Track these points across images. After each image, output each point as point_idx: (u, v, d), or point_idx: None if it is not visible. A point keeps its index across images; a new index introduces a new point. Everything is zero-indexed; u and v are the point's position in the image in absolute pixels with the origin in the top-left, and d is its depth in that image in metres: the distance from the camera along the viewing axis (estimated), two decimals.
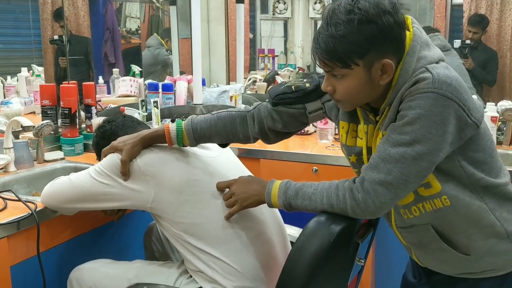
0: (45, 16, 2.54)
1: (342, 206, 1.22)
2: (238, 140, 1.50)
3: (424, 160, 1.14)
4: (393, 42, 1.15)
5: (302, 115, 1.43)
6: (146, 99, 2.59)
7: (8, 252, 1.45)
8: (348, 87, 1.19)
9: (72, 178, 1.49)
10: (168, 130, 1.44)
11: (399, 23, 1.14)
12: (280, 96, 1.42)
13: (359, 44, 1.12)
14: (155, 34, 3.43)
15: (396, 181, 1.15)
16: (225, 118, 1.46)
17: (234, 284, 1.40)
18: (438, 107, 1.11)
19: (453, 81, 1.13)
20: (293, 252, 1.27)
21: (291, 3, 4.04)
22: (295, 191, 1.29)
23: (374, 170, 1.17)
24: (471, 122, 1.16)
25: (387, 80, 1.18)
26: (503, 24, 3.30)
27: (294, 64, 3.97)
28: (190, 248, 1.42)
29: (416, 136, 1.12)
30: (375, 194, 1.16)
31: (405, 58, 1.17)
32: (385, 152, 1.16)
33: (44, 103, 2.24)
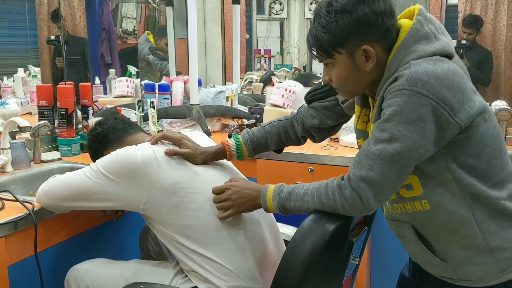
0: (41, 16, 2.55)
1: (332, 204, 1.24)
2: (292, 142, 1.64)
3: (403, 157, 1.15)
4: (372, 29, 1.19)
5: (336, 106, 1.51)
6: (143, 100, 2.60)
7: (5, 252, 1.46)
8: (337, 75, 1.26)
9: (67, 176, 1.50)
10: (228, 146, 1.55)
11: (377, 11, 1.18)
12: (312, 93, 1.56)
13: (338, 33, 1.19)
14: (147, 31, 3.43)
15: (377, 177, 1.16)
16: (277, 125, 1.61)
17: (228, 284, 1.41)
18: (413, 104, 1.12)
19: (431, 78, 1.12)
20: (288, 251, 1.28)
21: (287, 4, 4.05)
22: (288, 193, 1.32)
23: (357, 167, 1.19)
24: (453, 121, 1.14)
25: (372, 66, 1.21)
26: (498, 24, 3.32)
27: (290, 65, 3.98)
28: (183, 250, 1.42)
29: (393, 133, 1.14)
30: (360, 190, 1.18)
31: (395, 51, 1.20)
32: (367, 148, 1.19)
33: (41, 103, 2.25)
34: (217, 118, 2.81)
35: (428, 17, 1.24)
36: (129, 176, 1.40)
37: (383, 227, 1.43)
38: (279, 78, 3.46)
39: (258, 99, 3.26)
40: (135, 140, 1.61)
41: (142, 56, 3.38)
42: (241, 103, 3.13)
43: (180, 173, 1.44)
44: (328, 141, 2.51)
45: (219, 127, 2.83)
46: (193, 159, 1.47)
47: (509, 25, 3.30)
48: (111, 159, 1.42)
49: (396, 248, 1.49)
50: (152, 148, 1.45)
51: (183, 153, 1.46)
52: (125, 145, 1.57)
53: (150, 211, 1.43)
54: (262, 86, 3.50)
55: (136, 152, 1.42)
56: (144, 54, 3.38)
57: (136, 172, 1.40)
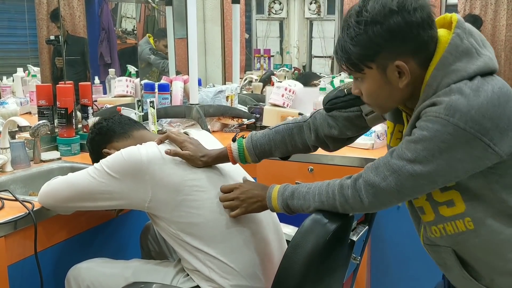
0: (41, 16, 2.54)
1: (332, 202, 1.23)
2: (298, 150, 1.52)
3: (422, 179, 1.11)
4: (406, 43, 1.09)
5: (359, 117, 1.40)
6: (142, 99, 2.59)
7: (5, 252, 1.46)
8: (368, 90, 1.18)
9: (70, 177, 1.49)
10: (230, 150, 1.50)
11: (413, 23, 1.08)
12: (333, 101, 1.42)
13: (368, 46, 1.10)
14: (148, 34, 3.44)
15: (388, 189, 1.14)
16: (283, 130, 1.50)
17: (231, 283, 1.41)
18: (445, 134, 1.05)
19: (472, 108, 1.04)
20: (289, 250, 1.28)
21: (287, 4, 4.05)
22: (291, 191, 1.31)
23: (373, 171, 1.16)
24: (492, 152, 1.06)
25: (406, 82, 1.12)
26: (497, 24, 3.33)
27: (289, 64, 3.99)
28: (188, 248, 1.42)
29: (417, 156, 1.09)
30: (366, 194, 1.17)
31: (433, 70, 1.10)
32: (388, 158, 1.15)
33: (40, 103, 2.25)
34: (217, 117, 2.81)
35: (468, 29, 1.13)
36: (134, 175, 1.40)
37: (383, 227, 1.43)
38: (279, 78, 3.46)
39: (257, 99, 3.26)
40: (141, 136, 1.62)
41: (143, 57, 3.38)
42: (241, 103, 3.13)
43: (185, 171, 1.44)
44: None
45: (219, 127, 2.83)
46: (194, 161, 1.46)
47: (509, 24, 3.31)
48: (116, 158, 1.42)
49: (396, 248, 1.49)
50: (157, 147, 1.45)
51: (183, 154, 1.45)
52: (131, 140, 1.59)
53: (155, 209, 1.43)
54: (261, 85, 3.50)
55: (141, 151, 1.42)
56: (144, 54, 3.38)
57: (141, 170, 1.40)
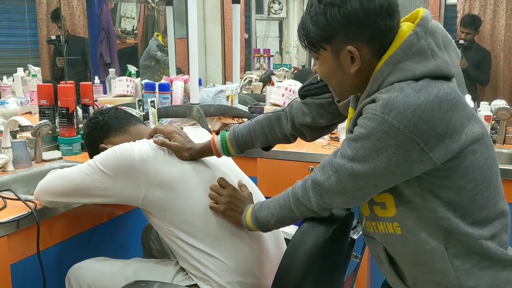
0: (41, 16, 2.55)
1: (288, 205, 1.25)
2: (279, 140, 1.50)
3: (361, 179, 1.09)
4: (362, 29, 1.07)
5: (331, 104, 1.39)
6: (143, 99, 2.60)
7: (8, 251, 1.46)
8: (322, 72, 1.19)
9: (64, 172, 1.50)
10: (213, 143, 1.49)
11: (370, 10, 1.06)
12: (307, 87, 1.43)
13: (325, 27, 1.09)
14: (156, 33, 3.46)
15: (331, 188, 1.14)
16: (262, 120, 1.49)
17: (227, 280, 1.41)
18: (381, 132, 1.03)
19: (409, 108, 1.01)
20: (289, 249, 1.28)
21: (286, 3, 4.06)
22: (260, 204, 1.33)
23: (320, 170, 1.17)
24: (426, 157, 1.03)
25: (356, 69, 1.11)
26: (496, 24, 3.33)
27: (289, 64, 3.99)
28: (182, 245, 1.43)
29: (355, 154, 1.08)
30: (313, 193, 1.18)
31: (382, 65, 1.08)
32: (332, 158, 1.15)
33: (41, 103, 2.25)
34: (218, 117, 2.81)
35: (430, 28, 1.09)
36: (127, 172, 1.40)
37: None
38: (279, 78, 3.47)
39: (258, 99, 3.27)
40: (138, 131, 1.63)
41: (151, 54, 3.41)
42: (241, 103, 3.14)
43: (178, 168, 1.44)
44: (328, 140, 2.52)
45: (220, 126, 2.84)
46: (180, 153, 1.46)
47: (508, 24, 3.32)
48: (109, 155, 1.42)
49: None
50: (150, 144, 1.45)
51: (170, 145, 1.45)
52: (128, 135, 1.60)
53: (149, 206, 1.43)
54: (261, 85, 3.52)
55: (134, 148, 1.42)
56: (152, 51, 3.41)
57: (134, 168, 1.40)
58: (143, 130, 1.65)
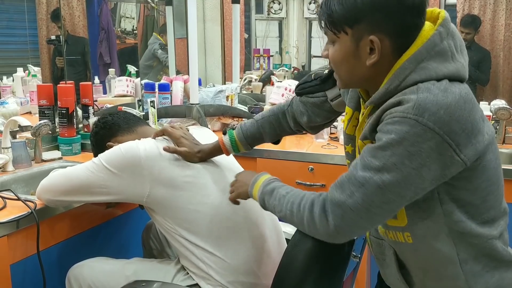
0: (41, 16, 2.55)
1: (299, 217, 1.13)
2: (287, 133, 1.54)
3: (390, 191, 1.01)
4: (390, 19, 1.03)
5: (325, 103, 1.39)
6: (143, 99, 2.60)
7: (8, 251, 1.46)
8: (334, 56, 1.11)
9: (68, 171, 1.50)
10: (222, 143, 1.52)
11: (404, 3, 1.01)
12: (302, 85, 1.42)
13: (351, 9, 1.03)
14: (155, 33, 3.46)
15: (355, 206, 1.03)
16: (270, 116, 1.52)
17: (228, 279, 1.42)
18: (415, 136, 0.98)
19: (441, 108, 0.98)
20: (289, 248, 1.29)
21: (286, 3, 4.05)
22: (271, 188, 1.23)
23: (338, 189, 1.06)
24: (458, 159, 1.00)
25: (373, 61, 1.06)
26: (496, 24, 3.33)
27: (289, 64, 3.99)
28: (185, 243, 1.43)
29: (385, 163, 1.00)
30: (332, 215, 1.06)
31: (404, 62, 1.04)
32: (352, 172, 1.05)
33: (41, 103, 2.25)
34: (217, 117, 2.81)
35: (451, 30, 1.07)
36: (132, 170, 1.41)
37: None
38: (278, 78, 3.47)
39: (257, 99, 3.27)
40: (144, 132, 1.64)
41: (153, 53, 3.41)
42: (241, 103, 3.14)
43: (182, 166, 1.45)
44: (328, 140, 2.52)
45: (219, 126, 2.84)
46: (190, 158, 1.47)
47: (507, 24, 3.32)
48: (114, 153, 1.43)
49: None
50: (155, 143, 1.46)
51: (181, 152, 1.46)
52: (135, 134, 1.62)
53: (153, 204, 1.44)
54: (261, 85, 3.51)
55: (139, 146, 1.43)
56: (154, 50, 3.41)
57: (139, 166, 1.40)
58: (149, 131, 1.66)
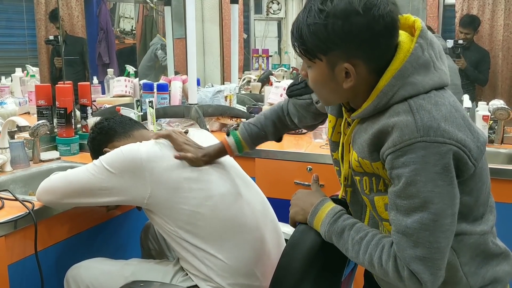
0: (39, 16, 2.55)
1: (383, 272, 1.08)
2: (289, 128, 1.56)
3: (444, 216, 1.00)
4: (362, 48, 1.03)
5: (311, 105, 1.42)
6: (141, 99, 2.60)
7: (5, 251, 1.46)
8: (313, 79, 1.13)
9: (69, 173, 1.50)
10: (227, 144, 1.54)
11: (374, 30, 1.01)
12: (291, 88, 1.46)
13: (323, 39, 1.03)
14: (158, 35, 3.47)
15: (428, 252, 1.01)
16: (271, 114, 1.54)
17: (228, 281, 1.42)
18: (432, 155, 0.98)
19: (441, 122, 0.99)
20: (287, 248, 1.29)
21: (285, 4, 4.06)
22: (341, 229, 1.17)
23: (400, 249, 1.03)
24: (470, 164, 1.02)
25: (350, 85, 1.07)
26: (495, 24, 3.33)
27: (288, 64, 3.99)
28: (185, 245, 1.43)
29: (425, 196, 0.99)
30: (422, 275, 1.02)
31: (391, 80, 1.04)
32: (401, 224, 1.03)
33: (39, 103, 2.25)
34: (216, 117, 2.81)
35: (429, 39, 1.08)
36: (133, 171, 1.41)
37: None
38: (277, 78, 3.47)
39: (256, 99, 3.27)
40: (141, 136, 1.64)
41: (154, 52, 3.41)
42: (240, 103, 3.14)
43: (184, 169, 1.45)
44: (326, 140, 2.52)
45: (218, 127, 2.84)
46: (196, 163, 1.47)
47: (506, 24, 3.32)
48: (115, 155, 1.43)
49: None
50: (157, 145, 1.46)
51: (186, 157, 1.46)
52: (131, 139, 1.61)
53: (154, 206, 1.43)
54: (260, 85, 3.51)
55: (140, 148, 1.43)
56: (156, 49, 3.42)
57: (140, 167, 1.40)
58: (146, 134, 1.66)
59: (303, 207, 1.28)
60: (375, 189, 1.14)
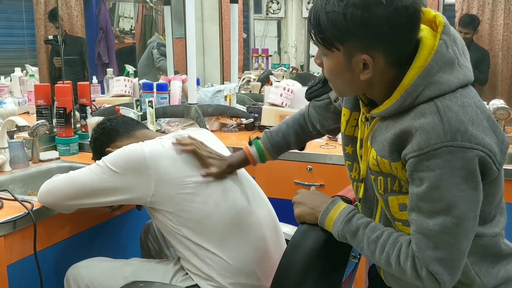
0: (39, 16, 2.55)
1: (400, 271, 1.09)
2: (311, 137, 1.55)
3: (467, 220, 1.00)
4: (382, 39, 0.99)
5: (330, 105, 1.40)
6: (141, 99, 2.59)
7: (4, 251, 1.46)
8: (328, 69, 1.09)
9: (71, 174, 1.50)
10: (249, 153, 1.53)
11: (394, 22, 0.97)
12: (309, 90, 1.44)
13: (342, 29, 0.99)
14: (156, 33, 3.46)
15: (448, 254, 1.01)
16: (293, 124, 1.53)
17: (229, 281, 1.42)
18: (459, 160, 0.96)
19: (468, 125, 0.97)
20: (288, 249, 1.28)
21: (284, 3, 4.06)
22: (355, 228, 1.16)
23: (420, 249, 1.03)
24: (495, 169, 1.01)
25: (367, 77, 1.04)
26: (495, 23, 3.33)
27: (287, 64, 3.99)
28: (187, 243, 1.43)
29: (449, 200, 0.98)
30: (439, 275, 1.02)
31: (416, 79, 1.01)
32: (423, 226, 1.02)
33: (39, 103, 2.24)
34: (216, 117, 2.81)
35: (452, 35, 1.04)
36: (137, 170, 1.40)
37: None
38: (277, 78, 3.47)
39: (256, 98, 3.27)
40: (144, 135, 1.64)
41: (150, 50, 3.41)
42: (239, 102, 3.14)
43: (188, 166, 1.45)
44: (327, 140, 2.51)
45: (218, 126, 2.83)
46: (221, 176, 1.47)
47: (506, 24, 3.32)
48: (118, 154, 1.43)
49: None
50: (161, 143, 1.46)
51: (212, 173, 1.45)
52: (134, 139, 1.61)
53: (157, 204, 1.43)
54: (259, 85, 3.51)
55: (143, 147, 1.43)
56: (152, 48, 3.41)
57: (144, 165, 1.40)
58: (148, 134, 1.66)
59: (312, 206, 1.26)
60: (390, 189, 1.12)
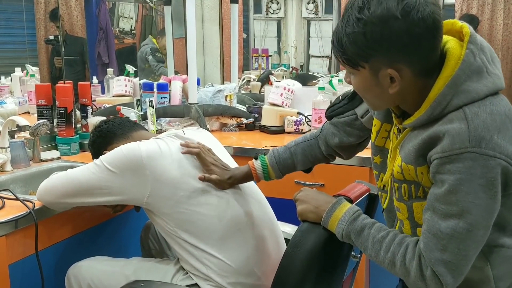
0: (39, 16, 2.55)
1: (404, 271, 1.09)
2: (319, 161, 1.54)
3: (479, 228, 1.01)
4: (404, 51, 1.02)
5: (355, 121, 1.41)
6: (141, 99, 2.60)
7: (6, 251, 1.46)
8: (357, 86, 1.13)
9: (69, 173, 1.50)
10: (254, 168, 1.51)
11: (415, 34, 0.99)
12: (331, 108, 1.45)
13: (363, 47, 1.03)
14: (150, 36, 3.45)
15: (455, 258, 1.02)
16: (303, 144, 1.52)
17: (228, 281, 1.42)
18: (480, 167, 0.97)
19: (494, 133, 0.98)
20: (289, 249, 1.29)
21: (284, 3, 4.06)
22: (360, 227, 1.17)
23: (427, 249, 1.04)
24: None
25: (395, 90, 1.06)
26: (494, 23, 3.34)
27: (287, 64, 4.00)
28: (184, 245, 1.43)
29: (464, 205, 0.99)
30: (443, 277, 1.03)
31: (444, 89, 1.02)
32: (435, 226, 1.03)
33: (39, 102, 2.24)
34: (216, 117, 2.81)
35: (480, 44, 1.05)
36: (134, 170, 1.41)
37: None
38: (277, 78, 3.48)
39: (256, 98, 3.27)
40: (140, 136, 1.64)
41: (144, 56, 3.39)
42: (240, 102, 3.14)
43: (185, 167, 1.45)
44: None
45: (218, 126, 2.84)
46: (221, 185, 1.47)
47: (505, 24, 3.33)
48: (116, 154, 1.43)
49: None
50: (157, 143, 1.46)
51: (212, 179, 1.46)
52: (130, 140, 1.61)
53: (153, 205, 1.43)
54: (259, 85, 3.51)
55: (140, 147, 1.43)
56: (146, 54, 3.40)
57: (141, 165, 1.40)
58: (145, 135, 1.66)
59: (316, 205, 1.27)
60: (414, 195, 1.13)
